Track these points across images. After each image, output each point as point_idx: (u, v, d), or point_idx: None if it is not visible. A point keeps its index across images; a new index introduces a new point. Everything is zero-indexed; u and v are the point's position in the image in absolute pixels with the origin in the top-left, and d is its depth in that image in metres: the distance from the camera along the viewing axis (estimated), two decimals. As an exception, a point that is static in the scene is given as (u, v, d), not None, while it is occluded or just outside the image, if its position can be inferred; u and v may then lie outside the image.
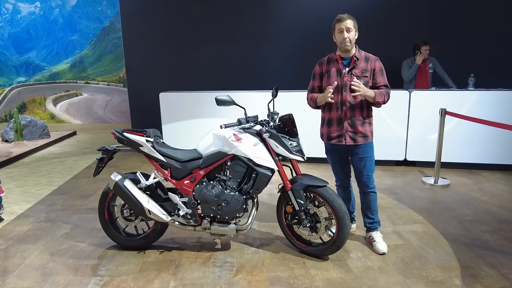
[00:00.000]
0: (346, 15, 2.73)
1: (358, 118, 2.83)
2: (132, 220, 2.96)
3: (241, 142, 2.68)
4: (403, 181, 4.68)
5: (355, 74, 2.77)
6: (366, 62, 2.80)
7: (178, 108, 5.79)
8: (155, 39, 6.61)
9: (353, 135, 2.84)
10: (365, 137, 2.85)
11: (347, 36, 2.71)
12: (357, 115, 2.83)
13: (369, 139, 2.87)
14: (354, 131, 2.84)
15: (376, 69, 2.80)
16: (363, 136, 2.85)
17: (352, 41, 2.75)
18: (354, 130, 2.84)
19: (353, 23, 2.73)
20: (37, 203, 4.12)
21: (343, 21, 2.71)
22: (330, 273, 2.61)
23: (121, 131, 2.90)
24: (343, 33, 2.72)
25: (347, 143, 2.86)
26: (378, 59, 2.83)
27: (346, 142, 2.86)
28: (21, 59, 10.50)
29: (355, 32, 2.76)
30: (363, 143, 2.86)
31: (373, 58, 2.82)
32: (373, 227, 3.02)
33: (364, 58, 2.81)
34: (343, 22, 2.71)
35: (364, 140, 2.86)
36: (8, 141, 7.19)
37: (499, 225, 3.36)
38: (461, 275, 2.56)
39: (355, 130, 2.84)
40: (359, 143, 2.85)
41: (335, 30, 2.78)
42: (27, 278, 2.63)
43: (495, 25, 5.90)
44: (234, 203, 2.72)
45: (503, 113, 4.88)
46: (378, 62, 2.82)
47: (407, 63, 5.52)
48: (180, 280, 2.56)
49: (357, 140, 2.85)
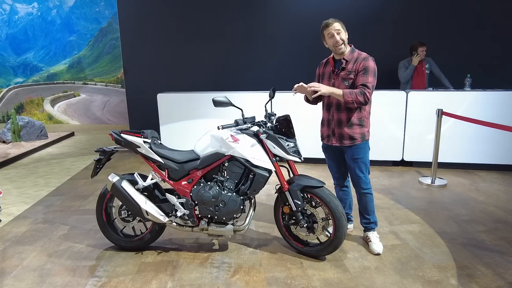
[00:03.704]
0: (331, 20, 2.73)
1: (344, 120, 2.82)
2: (130, 221, 2.96)
3: (238, 143, 2.69)
4: (400, 181, 4.70)
5: (342, 76, 2.79)
6: (354, 64, 2.75)
7: (176, 109, 5.80)
8: (153, 40, 6.62)
9: (340, 136, 2.86)
10: (352, 139, 2.83)
11: (339, 38, 2.72)
12: (343, 117, 2.83)
13: (357, 141, 2.83)
14: (340, 132, 2.86)
15: (359, 69, 2.72)
16: (350, 138, 2.83)
17: (345, 42, 2.76)
18: (340, 131, 2.85)
19: (340, 25, 2.73)
20: (35, 204, 4.12)
21: (330, 25, 2.72)
22: (327, 273, 2.62)
23: (118, 132, 2.91)
24: (334, 36, 2.72)
25: (333, 143, 2.91)
26: (366, 59, 2.72)
27: (333, 142, 2.91)
28: (19, 60, 10.49)
29: (345, 32, 2.76)
30: (351, 145, 2.85)
31: (362, 58, 2.74)
32: (369, 227, 3.03)
33: (355, 59, 2.76)
34: (330, 26, 2.72)
35: (351, 142, 2.84)
36: (6, 142, 7.18)
37: (495, 225, 3.37)
38: (457, 275, 2.58)
39: (341, 131, 2.85)
40: (345, 145, 2.86)
41: (325, 37, 2.78)
42: (24, 280, 2.63)
43: (492, 26, 5.94)
44: (232, 204, 2.73)
45: (500, 114, 4.90)
46: (366, 62, 2.70)
47: (404, 64, 5.54)
48: (178, 281, 2.57)
49: (344, 142, 2.86)
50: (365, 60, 2.72)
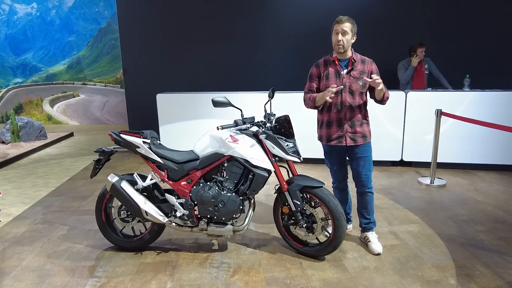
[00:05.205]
0: (346, 18, 2.76)
1: (357, 119, 2.87)
2: (129, 221, 2.97)
3: (237, 143, 2.69)
4: (399, 182, 4.70)
5: (354, 75, 2.81)
6: (362, 64, 2.85)
7: (175, 109, 5.80)
8: (152, 40, 6.62)
9: (353, 135, 2.88)
10: (364, 137, 2.90)
11: (341, 38, 2.74)
12: (356, 115, 2.86)
13: (367, 139, 2.92)
14: (354, 131, 2.87)
15: (374, 71, 2.86)
16: (362, 136, 2.89)
17: (346, 44, 2.76)
18: (353, 130, 2.87)
19: (351, 26, 2.75)
20: (34, 205, 4.12)
21: (341, 23, 2.75)
22: (326, 274, 2.62)
23: (118, 132, 2.91)
24: (338, 35, 2.75)
25: (347, 143, 2.89)
26: (373, 62, 2.90)
27: (347, 143, 2.89)
28: (18, 60, 10.48)
29: (352, 36, 2.77)
30: (363, 143, 2.90)
31: (369, 60, 2.89)
32: (368, 227, 3.04)
33: (360, 61, 2.86)
34: (340, 24, 2.75)
35: (364, 140, 2.90)
36: (5, 143, 7.17)
37: (494, 225, 3.38)
38: (456, 275, 2.58)
39: (354, 130, 2.87)
40: (359, 143, 2.89)
41: (333, 31, 2.81)
42: (24, 280, 2.63)
43: (491, 26, 5.94)
44: (231, 204, 2.73)
45: (498, 114, 4.91)
46: (374, 65, 2.90)
47: (403, 65, 5.54)
48: (177, 281, 2.57)
49: (357, 141, 2.88)
50: (373, 63, 2.89)
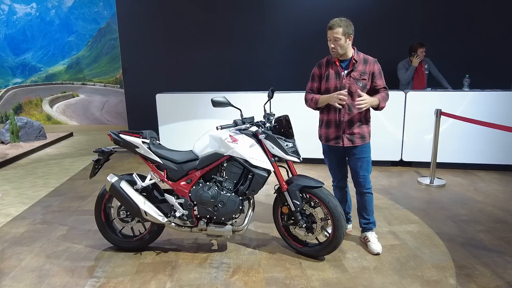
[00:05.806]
0: (336, 22, 2.70)
1: (355, 120, 2.84)
2: (129, 221, 2.96)
3: (237, 143, 2.69)
4: (399, 182, 4.70)
5: (354, 76, 2.78)
6: (364, 65, 2.80)
7: (175, 110, 5.79)
8: (152, 40, 6.61)
9: (351, 136, 2.86)
10: (363, 138, 2.87)
11: (333, 46, 2.74)
12: (355, 117, 2.84)
13: (366, 140, 2.89)
14: (352, 132, 2.85)
15: (376, 72, 2.81)
16: (361, 137, 2.87)
17: (340, 50, 2.74)
18: (351, 132, 2.85)
19: (342, 30, 2.68)
20: (33, 205, 4.11)
21: (332, 29, 2.71)
22: (326, 274, 2.62)
23: (117, 132, 2.90)
24: (331, 42, 2.75)
25: (344, 144, 2.88)
26: (376, 61, 2.83)
27: (344, 144, 2.88)
28: (17, 60, 10.47)
29: (345, 39, 2.72)
30: (361, 144, 2.88)
31: (372, 60, 2.82)
32: (368, 227, 3.04)
33: (363, 61, 2.81)
34: (331, 31, 2.71)
35: (362, 141, 2.87)
36: (4, 143, 7.16)
37: (494, 225, 3.38)
38: (456, 275, 2.58)
39: (352, 132, 2.85)
40: (356, 144, 2.87)
41: (327, 36, 2.79)
42: (23, 280, 2.62)
43: (490, 26, 5.94)
44: (231, 204, 2.73)
45: (498, 114, 4.91)
46: (377, 65, 2.83)
47: (403, 65, 5.54)
48: (177, 281, 2.56)
49: (355, 142, 2.86)
50: (376, 63, 2.82)
